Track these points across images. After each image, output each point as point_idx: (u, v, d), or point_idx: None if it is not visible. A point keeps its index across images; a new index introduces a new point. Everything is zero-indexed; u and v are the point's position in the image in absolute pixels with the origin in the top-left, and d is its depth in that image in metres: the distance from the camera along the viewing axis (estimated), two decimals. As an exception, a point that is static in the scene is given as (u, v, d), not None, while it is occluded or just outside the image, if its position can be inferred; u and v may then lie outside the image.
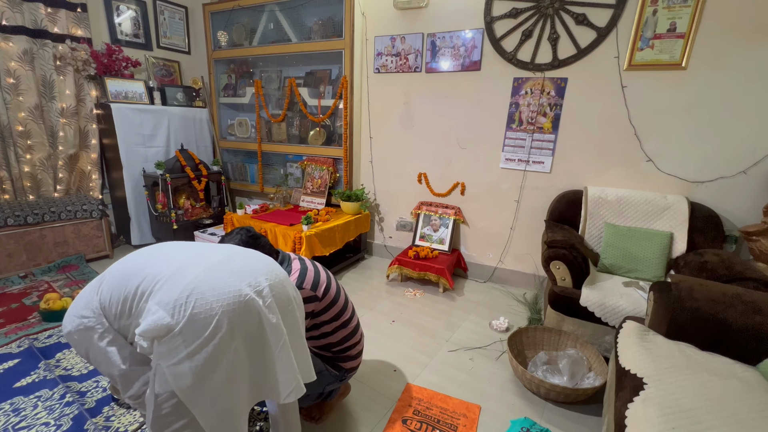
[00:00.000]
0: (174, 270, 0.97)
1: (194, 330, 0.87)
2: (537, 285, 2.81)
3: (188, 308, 0.88)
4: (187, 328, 0.87)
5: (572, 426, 1.56)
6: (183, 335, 0.87)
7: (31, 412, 1.50)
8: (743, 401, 1.03)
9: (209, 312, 0.89)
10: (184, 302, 0.89)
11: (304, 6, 3.15)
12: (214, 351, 0.88)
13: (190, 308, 0.88)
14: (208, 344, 0.88)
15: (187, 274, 0.95)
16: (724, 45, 2.03)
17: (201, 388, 0.88)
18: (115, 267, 1.10)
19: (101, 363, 1.10)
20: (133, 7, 3.36)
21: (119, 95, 3.12)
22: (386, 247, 3.39)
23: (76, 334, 1.09)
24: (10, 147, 2.78)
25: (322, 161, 3.31)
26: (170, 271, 0.97)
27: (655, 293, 1.43)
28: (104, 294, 1.06)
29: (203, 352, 0.87)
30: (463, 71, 2.73)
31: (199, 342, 0.87)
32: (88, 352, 1.10)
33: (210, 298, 0.90)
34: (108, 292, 1.05)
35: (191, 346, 0.87)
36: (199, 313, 0.88)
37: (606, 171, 2.45)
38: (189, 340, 0.87)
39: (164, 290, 0.93)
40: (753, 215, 2.12)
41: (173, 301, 0.89)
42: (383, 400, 1.66)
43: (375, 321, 2.32)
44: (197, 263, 1.00)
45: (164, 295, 0.91)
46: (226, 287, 0.94)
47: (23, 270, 2.71)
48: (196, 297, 0.90)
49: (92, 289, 1.11)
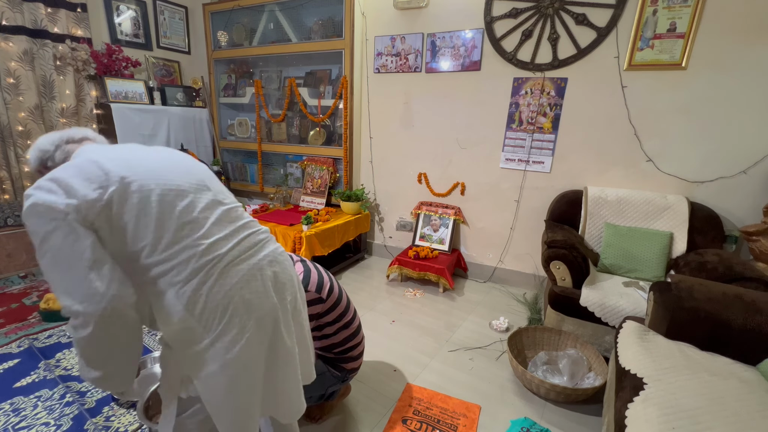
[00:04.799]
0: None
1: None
2: (537, 285, 2.81)
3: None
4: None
5: (572, 426, 1.56)
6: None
7: (31, 412, 1.50)
8: (743, 401, 1.03)
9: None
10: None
11: (304, 6, 3.15)
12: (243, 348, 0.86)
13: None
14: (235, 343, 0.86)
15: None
16: (724, 45, 2.03)
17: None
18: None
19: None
20: (133, 7, 3.36)
21: (119, 95, 3.12)
22: (386, 247, 3.39)
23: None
24: (10, 147, 2.78)
25: (322, 161, 3.31)
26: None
27: (655, 293, 1.43)
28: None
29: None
30: (463, 71, 2.73)
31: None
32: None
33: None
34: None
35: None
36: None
37: (606, 171, 2.45)
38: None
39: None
40: (753, 215, 2.12)
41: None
42: (383, 400, 1.66)
43: (375, 321, 2.32)
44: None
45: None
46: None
47: (23, 270, 2.70)
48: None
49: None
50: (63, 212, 0.73)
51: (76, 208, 0.74)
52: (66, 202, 0.74)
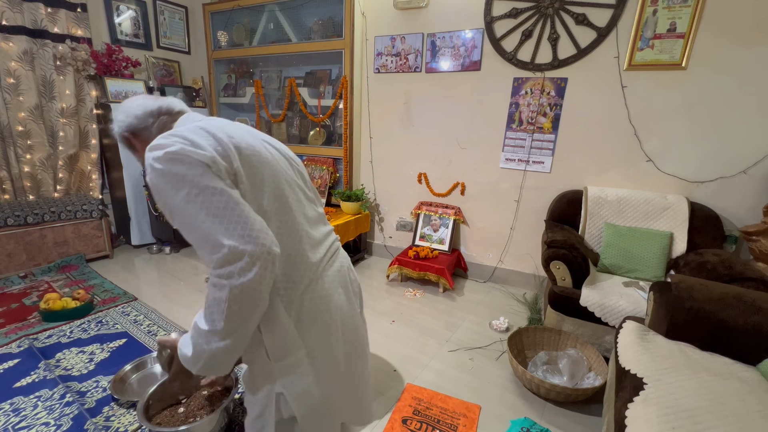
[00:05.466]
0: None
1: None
2: (537, 285, 2.81)
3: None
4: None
5: (572, 426, 1.56)
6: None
7: (31, 412, 1.50)
8: (743, 401, 1.03)
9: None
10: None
11: (304, 6, 3.15)
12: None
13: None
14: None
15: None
16: (724, 45, 2.03)
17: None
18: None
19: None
20: (133, 7, 3.36)
21: (119, 95, 3.12)
22: (386, 247, 3.39)
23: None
24: (10, 147, 2.78)
25: (322, 161, 3.31)
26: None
27: (655, 293, 1.43)
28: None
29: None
30: (463, 71, 2.73)
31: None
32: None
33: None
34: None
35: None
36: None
37: (606, 171, 2.45)
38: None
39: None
40: (753, 215, 2.12)
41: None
42: (383, 400, 1.66)
43: (375, 321, 2.32)
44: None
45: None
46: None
47: (23, 270, 2.71)
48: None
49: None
50: (207, 160, 0.69)
51: (214, 160, 0.70)
52: (204, 154, 0.70)
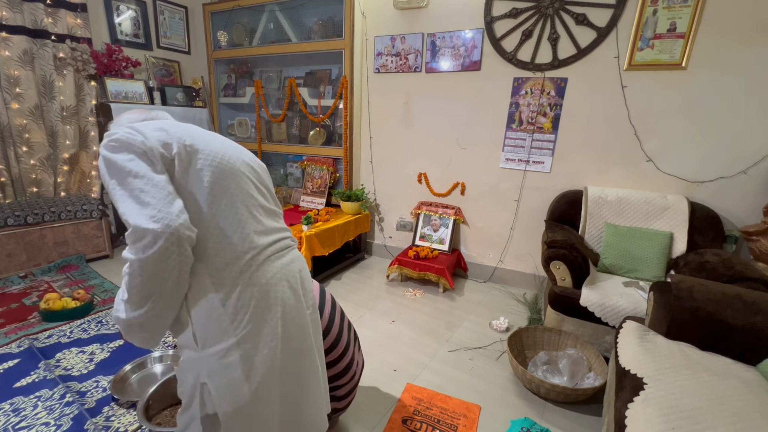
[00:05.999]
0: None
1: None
2: (537, 285, 2.81)
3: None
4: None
5: (572, 426, 1.56)
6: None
7: (31, 412, 1.50)
8: (743, 401, 1.03)
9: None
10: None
11: (304, 6, 3.15)
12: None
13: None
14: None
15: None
16: (724, 45, 2.03)
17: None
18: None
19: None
20: (133, 7, 3.36)
21: (119, 95, 3.12)
22: (386, 247, 3.39)
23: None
24: (10, 147, 2.78)
25: (322, 161, 3.31)
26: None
27: (655, 293, 1.43)
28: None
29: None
30: (463, 71, 2.73)
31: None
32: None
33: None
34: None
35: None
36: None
37: (606, 171, 2.45)
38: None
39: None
40: (753, 215, 2.12)
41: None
42: (383, 400, 1.66)
43: (375, 321, 2.32)
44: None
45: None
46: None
47: (23, 270, 2.70)
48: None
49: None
50: (142, 148, 0.79)
51: (151, 148, 0.79)
52: (143, 140, 0.80)
